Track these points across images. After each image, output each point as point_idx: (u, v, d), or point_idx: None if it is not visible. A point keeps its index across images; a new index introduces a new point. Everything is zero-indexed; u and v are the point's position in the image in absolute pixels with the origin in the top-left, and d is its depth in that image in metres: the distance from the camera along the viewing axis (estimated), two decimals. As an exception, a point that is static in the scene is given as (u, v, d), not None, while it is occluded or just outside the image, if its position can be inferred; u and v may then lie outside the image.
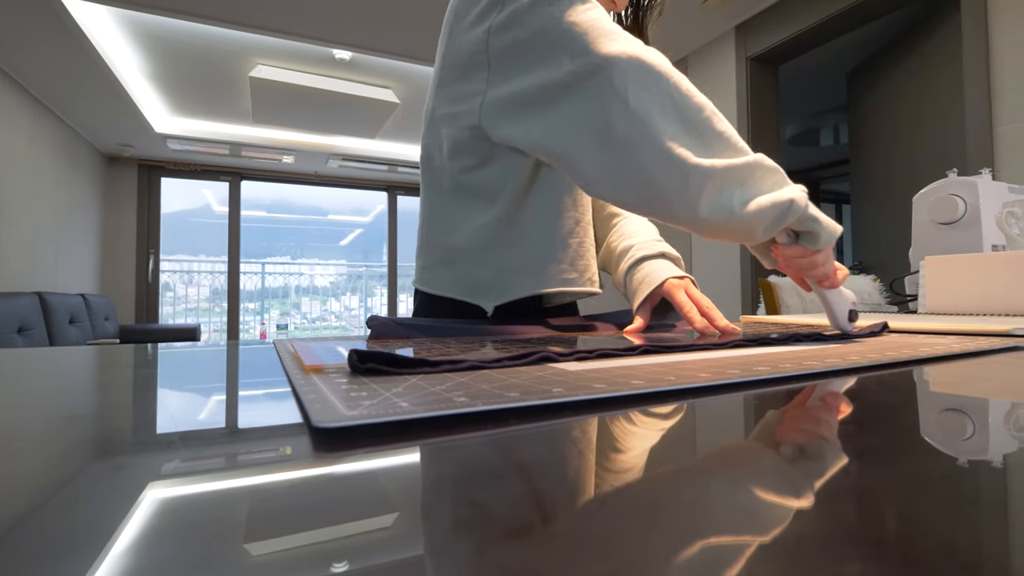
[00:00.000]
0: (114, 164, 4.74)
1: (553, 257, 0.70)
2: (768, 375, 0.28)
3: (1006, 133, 1.79)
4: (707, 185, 0.49)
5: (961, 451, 0.18)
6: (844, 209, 6.20)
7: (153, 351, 0.58)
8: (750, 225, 0.50)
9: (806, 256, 0.53)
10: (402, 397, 0.23)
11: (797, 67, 3.23)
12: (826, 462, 0.16)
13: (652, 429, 0.21)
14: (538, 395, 0.23)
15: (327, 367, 0.34)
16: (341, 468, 0.16)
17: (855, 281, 1.75)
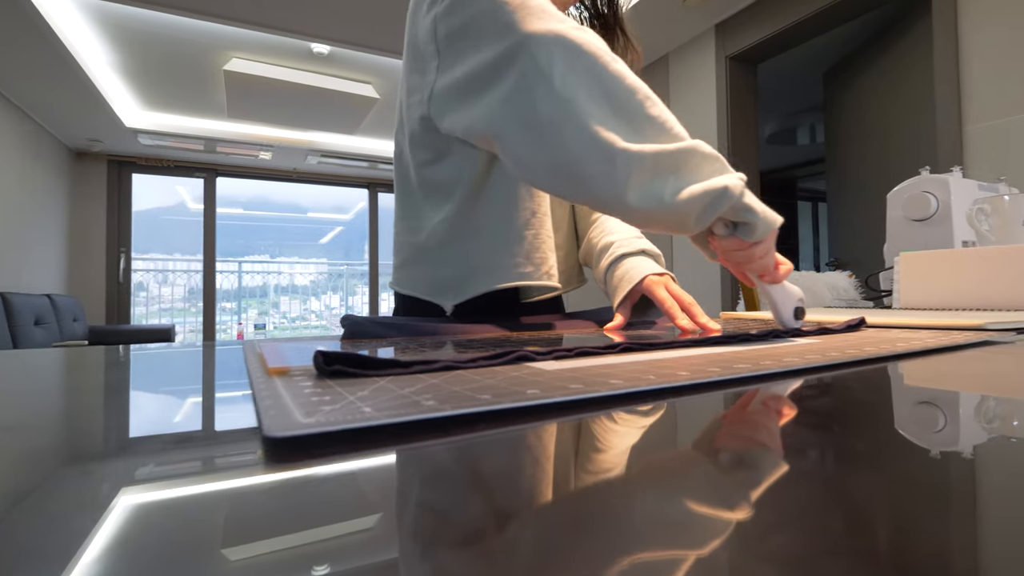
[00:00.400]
0: (82, 160, 4.60)
1: (509, 251, 0.68)
2: (748, 373, 0.28)
3: (975, 132, 1.83)
4: (635, 171, 0.47)
5: (935, 443, 0.17)
6: (820, 207, 6.32)
7: (121, 353, 0.55)
8: (682, 214, 0.48)
9: (743, 248, 0.51)
10: (367, 401, 0.22)
11: (775, 67, 3.27)
12: (805, 463, 0.15)
13: (629, 432, 0.20)
14: (511, 397, 0.22)
15: (293, 369, 0.32)
16: (289, 479, 0.15)
17: (831, 277, 1.77)
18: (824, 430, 0.20)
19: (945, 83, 1.91)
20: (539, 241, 0.69)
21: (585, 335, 0.57)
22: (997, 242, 0.87)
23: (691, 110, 3.04)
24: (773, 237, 0.52)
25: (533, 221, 0.69)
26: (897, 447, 0.18)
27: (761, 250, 0.51)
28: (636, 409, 0.22)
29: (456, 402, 0.21)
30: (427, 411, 0.19)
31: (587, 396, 0.22)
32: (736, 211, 0.48)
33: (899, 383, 0.30)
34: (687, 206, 0.47)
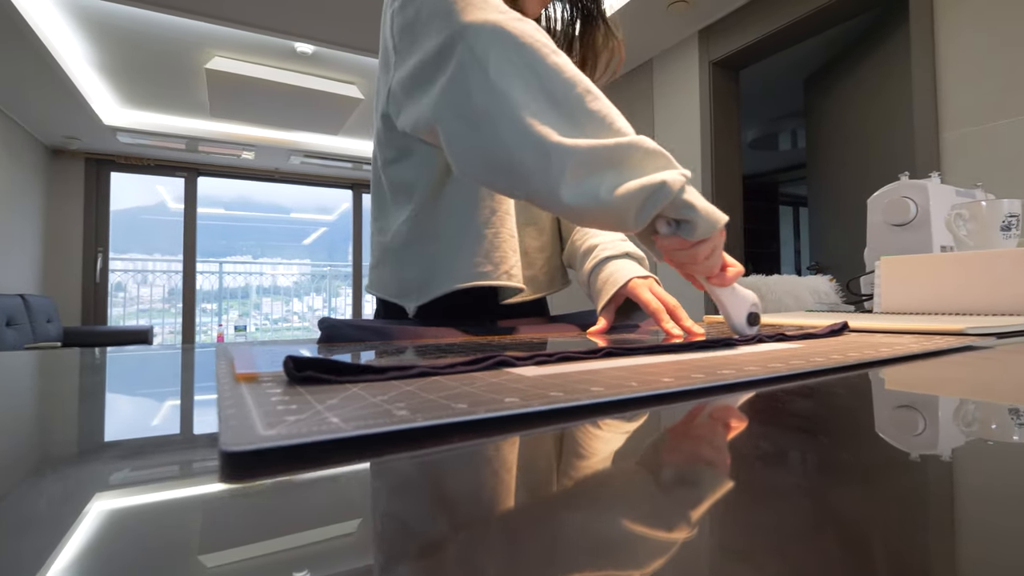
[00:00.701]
0: (59, 158, 4.50)
1: (469, 250, 0.66)
2: (733, 379, 0.27)
3: (951, 139, 1.87)
4: (569, 166, 0.45)
5: (921, 449, 0.17)
6: (801, 212, 6.41)
7: (95, 356, 0.53)
8: (619, 211, 0.46)
9: (685, 248, 0.48)
10: (336, 411, 0.21)
11: (758, 73, 3.31)
12: (791, 475, 0.15)
13: (609, 443, 0.19)
14: (488, 406, 0.21)
15: (262, 375, 0.31)
16: (244, 494, 0.14)
17: (812, 281, 1.79)
18: (811, 438, 0.19)
19: (922, 90, 1.94)
20: (499, 240, 0.67)
21: (568, 339, 0.56)
22: (975, 247, 0.88)
23: (675, 115, 3.07)
24: (720, 238, 0.49)
25: (493, 220, 0.67)
26: (884, 455, 0.17)
27: (705, 250, 0.48)
28: (618, 418, 0.22)
29: (430, 411, 0.20)
30: (398, 422, 0.18)
31: (567, 405, 0.21)
32: (676, 208, 0.46)
33: (884, 390, 0.29)
34: (624, 202, 0.45)
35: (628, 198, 0.45)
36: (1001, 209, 0.86)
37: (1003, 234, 0.86)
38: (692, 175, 0.48)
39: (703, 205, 0.47)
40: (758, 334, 0.50)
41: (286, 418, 0.19)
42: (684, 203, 0.46)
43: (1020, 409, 0.23)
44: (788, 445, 0.18)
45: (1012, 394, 0.27)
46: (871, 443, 0.19)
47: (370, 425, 0.18)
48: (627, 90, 3.41)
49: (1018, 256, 0.71)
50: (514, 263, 0.69)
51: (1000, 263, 0.73)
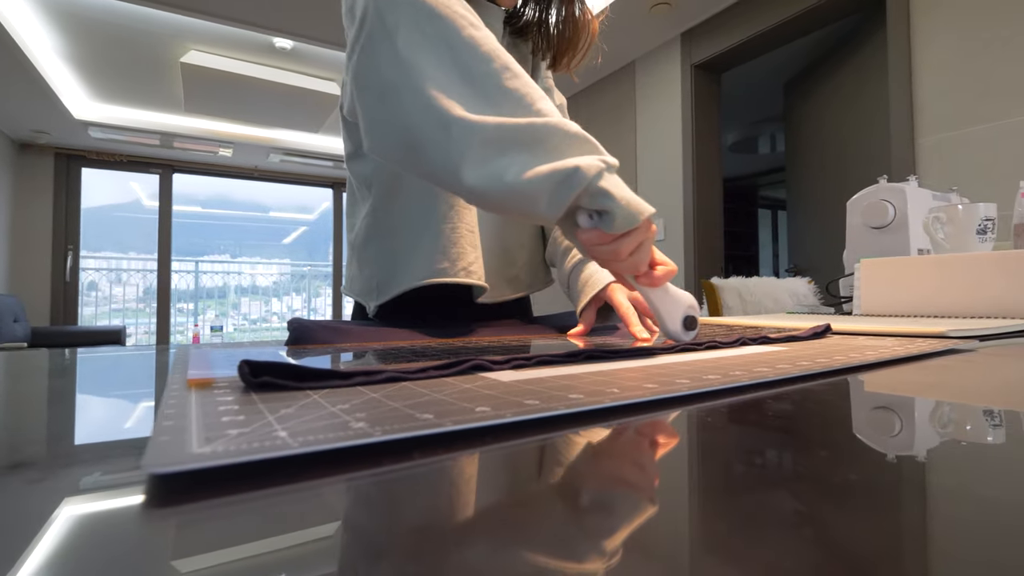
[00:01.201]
0: (27, 152, 4.35)
1: (426, 247, 0.64)
2: (719, 386, 0.26)
3: (926, 144, 1.90)
4: (473, 143, 0.42)
5: (891, 448, 0.15)
6: (780, 215, 6.50)
7: (60, 357, 0.50)
8: (527, 197, 0.41)
9: (605, 242, 0.43)
10: (288, 422, 0.19)
11: (738, 76, 3.34)
12: (787, 495, 0.13)
13: (586, 459, 0.17)
14: (456, 417, 0.19)
15: (217, 380, 0.28)
16: (159, 520, 0.12)
17: (792, 283, 1.81)
18: (804, 451, 0.18)
19: (899, 96, 1.98)
20: (456, 236, 0.64)
21: (547, 342, 0.54)
22: (952, 250, 0.88)
23: (656, 117, 3.08)
24: (647, 232, 0.45)
25: (451, 215, 0.65)
26: (877, 464, 0.16)
27: (628, 245, 0.44)
28: (598, 428, 0.20)
29: (392, 423, 0.18)
30: (352, 436, 0.16)
31: (542, 416, 0.20)
32: (592, 197, 0.42)
33: (872, 395, 0.28)
34: (532, 187, 0.41)
35: (537, 183, 0.41)
36: (977, 213, 0.87)
37: (979, 237, 0.87)
38: (619, 164, 0.45)
39: (623, 194, 0.42)
40: (696, 340, 0.47)
41: (228, 431, 0.17)
42: (600, 191, 0.42)
43: (1021, 413, 0.22)
44: (780, 459, 0.17)
45: (1001, 398, 0.26)
46: (865, 454, 0.18)
47: (320, 441, 0.16)
48: (609, 92, 3.42)
49: (995, 260, 0.72)
50: (473, 259, 0.65)
51: (978, 266, 0.73)
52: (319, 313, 6.09)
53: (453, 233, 0.64)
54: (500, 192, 0.42)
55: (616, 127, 3.37)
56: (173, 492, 0.14)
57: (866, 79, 2.41)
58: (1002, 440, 0.19)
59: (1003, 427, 0.21)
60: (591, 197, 0.42)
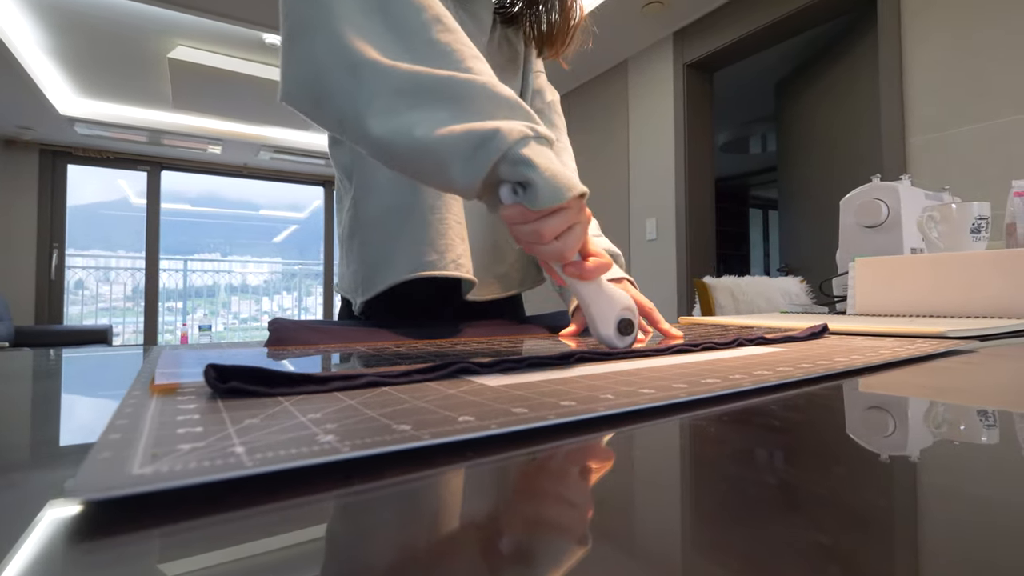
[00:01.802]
0: (11, 148, 4.28)
1: (411, 238, 0.61)
2: (719, 391, 0.24)
3: (916, 144, 1.90)
4: (383, 90, 0.38)
5: (915, 464, 0.14)
6: (771, 214, 6.53)
7: (42, 357, 0.48)
8: (438, 158, 0.37)
9: (527, 221, 0.38)
10: (249, 435, 0.17)
11: (730, 77, 3.35)
12: (803, 514, 0.12)
13: (576, 477, 0.16)
14: (436, 427, 0.17)
15: (184, 386, 0.27)
16: (84, 555, 0.10)
17: (784, 282, 1.80)
18: (814, 467, 0.16)
19: (889, 96, 1.98)
20: (444, 226, 0.61)
21: (538, 343, 0.53)
22: (946, 249, 0.88)
23: (649, 116, 3.07)
24: (578, 215, 0.39)
25: (438, 204, 0.61)
26: (900, 485, 0.14)
27: (553, 226, 0.38)
28: (592, 439, 0.18)
29: (364, 436, 0.16)
30: (317, 454, 0.15)
31: (532, 427, 0.18)
32: (512, 165, 0.37)
33: (882, 400, 0.27)
34: (443, 147, 0.37)
35: (449, 143, 0.36)
36: (971, 212, 0.86)
37: (973, 236, 0.86)
38: (552, 138, 0.40)
39: (549, 166, 0.37)
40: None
41: (180, 447, 0.15)
42: (522, 159, 0.36)
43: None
44: (791, 478, 0.15)
45: (1013, 400, 0.25)
46: (887, 472, 0.16)
47: (280, 459, 0.14)
48: (602, 91, 3.41)
49: (992, 259, 0.71)
50: (462, 252, 0.62)
51: (974, 266, 0.72)
52: (311, 313, 6.05)
53: (441, 224, 0.61)
54: (408, 148, 0.38)
55: (609, 126, 3.36)
56: (114, 520, 0.12)
57: (857, 79, 2.42)
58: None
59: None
60: (511, 166, 0.37)
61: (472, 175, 0.37)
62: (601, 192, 3.43)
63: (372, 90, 0.38)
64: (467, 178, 0.37)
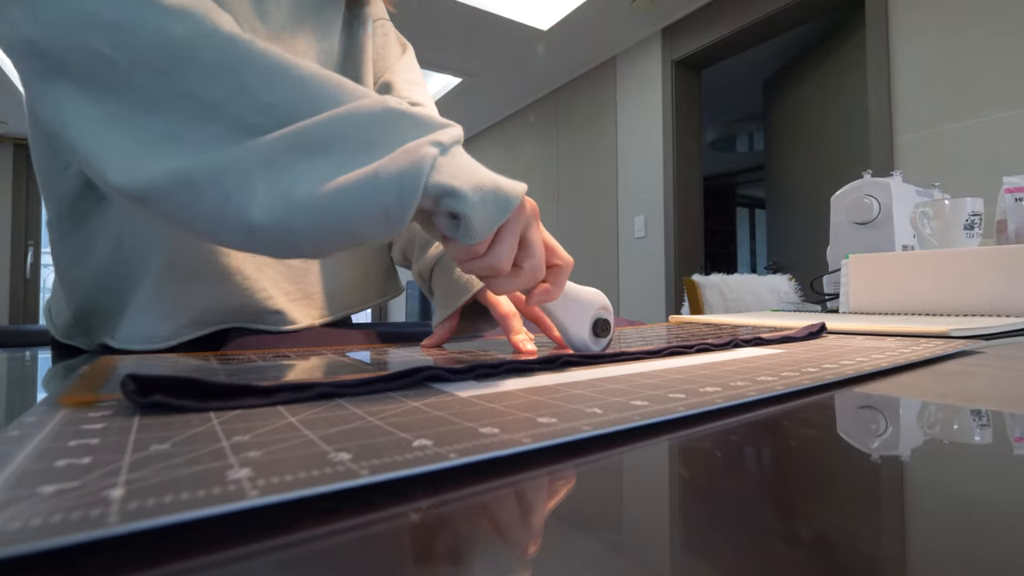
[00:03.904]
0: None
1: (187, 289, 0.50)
2: (722, 403, 0.21)
3: (905, 141, 1.90)
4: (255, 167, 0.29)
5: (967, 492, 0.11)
6: (757, 213, 6.56)
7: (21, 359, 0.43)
8: (340, 231, 0.29)
9: (476, 256, 0.32)
10: (141, 471, 0.13)
11: (716, 75, 3.34)
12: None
13: (549, 530, 0.12)
14: (381, 456, 0.14)
15: (103, 398, 0.23)
16: None
17: (773, 280, 1.79)
18: (848, 510, 0.13)
19: (877, 94, 1.97)
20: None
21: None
22: (939, 246, 0.86)
23: (637, 113, 3.05)
24: (522, 215, 0.32)
25: None
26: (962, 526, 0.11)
27: (507, 251, 0.32)
28: (573, 464, 0.15)
29: (288, 470, 0.13)
30: (216, 500, 0.11)
31: (500, 455, 0.15)
32: (433, 200, 0.30)
33: (909, 410, 0.24)
34: (348, 215, 0.29)
35: (341, 199, 0.28)
36: (964, 208, 0.84)
37: (966, 233, 0.85)
38: (463, 135, 0.33)
39: (473, 182, 0.30)
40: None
41: (43, 488, 0.12)
42: (445, 190, 0.29)
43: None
44: (819, 518, 0.12)
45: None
46: (941, 512, 0.13)
47: (165, 509, 0.11)
48: (590, 88, 3.38)
49: (988, 255, 0.69)
50: (267, 283, 0.52)
51: (969, 262, 0.70)
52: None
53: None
54: (307, 228, 0.29)
55: (597, 123, 3.34)
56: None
57: (845, 76, 2.41)
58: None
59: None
60: (432, 201, 0.30)
61: (396, 230, 0.30)
62: (589, 189, 3.40)
63: (224, 193, 0.28)
64: (389, 235, 0.31)
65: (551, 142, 3.74)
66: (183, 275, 0.48)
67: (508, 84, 3.64)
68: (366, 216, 0.29)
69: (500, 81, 3.58)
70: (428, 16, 2.74)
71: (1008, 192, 0.92)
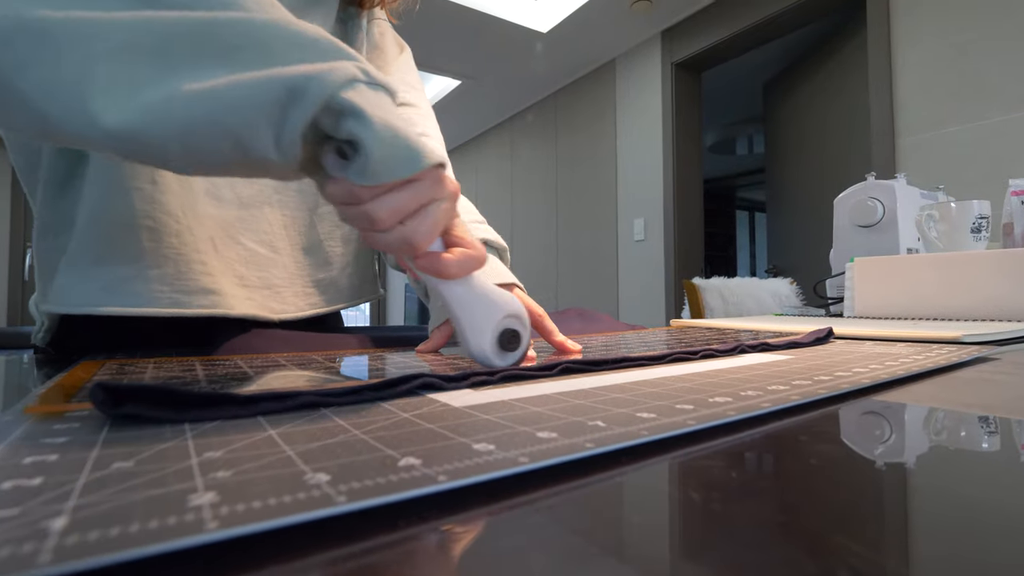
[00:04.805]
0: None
1: (132, 258, 0.48)
2: (735, 415, 0.20)
3: (907, 144, 1.89)
4: (100, 56, 0.24)
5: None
6: (759, 217, 6.55)
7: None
8: (229, 129, 0.25)
9: (357, 202, 0.28)
10: (93, 494, 0.12)
11: (715, 78, 3.33)
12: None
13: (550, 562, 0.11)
14: (363, 479, 0.13)
15: (72, 408, 0.22)
16: None
17: (774, 284, 1.78)
18: (882, 542, 0.12)
19: (879, 96, 1.96)
20: (189, 238, 0.49)
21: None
22: (945, 249, 0.85)
23: (637, 116, 3.05)
24: (436, 190, 0.29)
25: (166, 201, 0.48)
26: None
27: (394, 206, 0.28)
28: (573, 485, 0.14)
29: (258, 495, 0.12)
30: (172, 533, 0.10)
31: (495, 477, 0.13)
32: (334, 118, 0.27)
33: (937, 423, 0.22)
34: (232, 112, 0.25)
35: (242, 103, 0.25)
36: (972, 211, 0.83)
37: (973, 236, 0.83)
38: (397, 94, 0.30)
39: (386, 119, 0.26)
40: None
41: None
42: (347, 107, 0.26)
43: None
44: (857, 564, 0.11)
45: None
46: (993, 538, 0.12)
47: (109, 545, 0.09)
48: (589, 91, 3.38)
49: (994, 259, 0.68)
50: (217, 271, 0.49)
51: (977, 266, 0.69)
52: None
53: (182, 235, 0.47)
54: (170, 130, 0.25)
55: (596, 126, 3.33)
56: None
57: (846, 79, 2.41)
58: None
59: None
60: (333, 119, 0.26)
61: (287, 143, 0.26)
62: (589, 192, 3.39)
63: (81, 59, 0.24)
64: (281, 149, 0.26)
65: (550, 144, 3.73)
66: (110, 228, 0.45)
67: (507, 87, 3.64)
68: (257, 112, 0.25)
69: (499, 84, 3.58)
70: (427, 19, 2.74)
71: (1015, 195, 0.91)
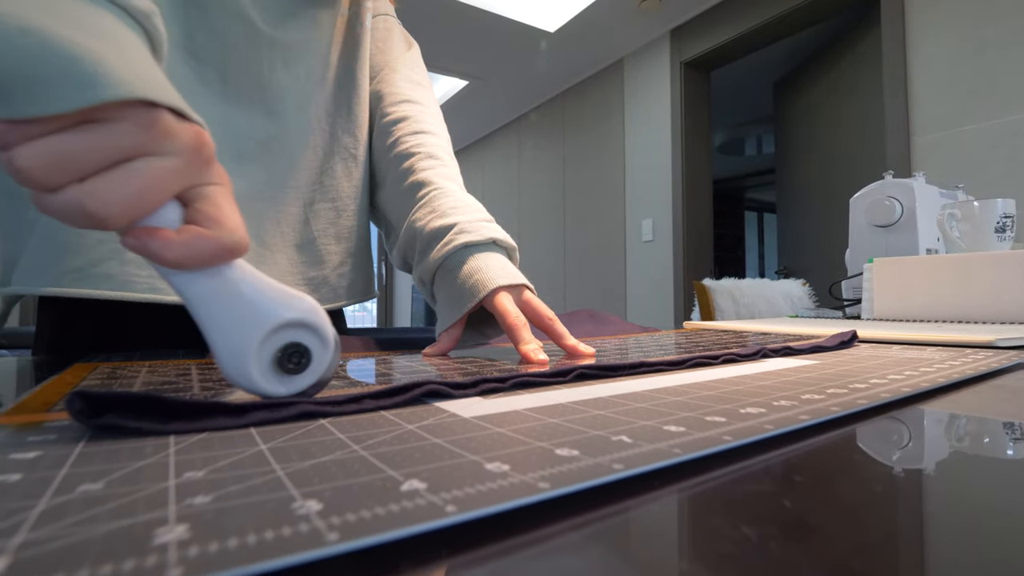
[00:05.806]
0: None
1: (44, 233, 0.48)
2: (772, 431, 0.18)
3: (922, 143, 1.86)
4: None
5: None
6: (766, 217, 6.49)
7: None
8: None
9: (3, 145, 0.18)
10: (42, 528, 0.10)
11: (724, 78, 3.30)
12: None
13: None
14: (358, 509, 0.11)
15: (51, 417, 0.20)
16: None
17: (786, 285, 1.75)
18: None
19: (894, 95, 1.93)
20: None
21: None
22: (968, 249, 0.82)
23: (646, 115, 3.02)
24: (145, 137, 0.20)
25: None
26: None
27: (49, 154, 0.18)
28: (599, 518, 0.12)
29: (236, 529, 0.10)
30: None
31: (510, 507, 0.12)
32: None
33: (1003, 438, 0.21)
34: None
35: None
36: (996, 209, 0.81)
37: (997, 236, 0.81)
38: None
39: (46, 26, 0.19)
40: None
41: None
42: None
43: None
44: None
45: None
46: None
47: None
48: (598, 90, 3.36)
49: (1022, 259, 0.65)
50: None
51: (1002, 266, 0.67)
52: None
53: None
54: None
55: (604, 125, 3.31)
56: None
57: (859, 78, 2.37)
58: None
59: None
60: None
61: None
62: (596, 192, 3.37)
63: None
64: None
65: (558, 144, 3.71)
66: None
67: (515, 87, 3.62)
68: None
69: (507, 84, 3.56)
70: (434, 19, 2.73)
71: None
